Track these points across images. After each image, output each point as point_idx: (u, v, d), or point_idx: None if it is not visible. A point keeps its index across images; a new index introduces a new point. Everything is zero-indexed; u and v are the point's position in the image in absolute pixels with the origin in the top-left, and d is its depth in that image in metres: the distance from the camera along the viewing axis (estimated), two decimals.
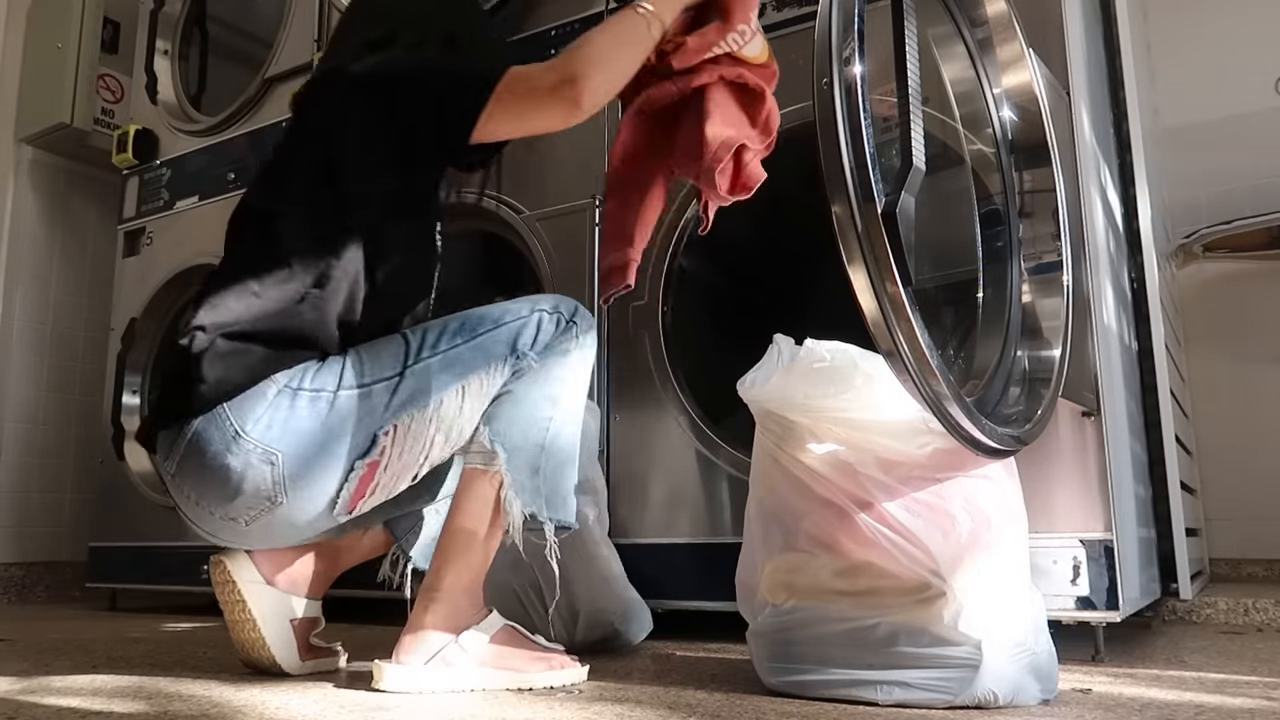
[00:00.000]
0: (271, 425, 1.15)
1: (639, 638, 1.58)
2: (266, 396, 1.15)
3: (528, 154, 2.00)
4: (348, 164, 1.25)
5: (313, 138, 1.30)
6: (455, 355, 1.22)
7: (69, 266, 3.06)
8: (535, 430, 1.23)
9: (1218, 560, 2.53)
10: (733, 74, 1.32)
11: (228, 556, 1.24)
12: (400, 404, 1.19)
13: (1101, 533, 1.37)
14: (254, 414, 1.14)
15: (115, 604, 2.56)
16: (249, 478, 1.14)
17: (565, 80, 1.22)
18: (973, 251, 1.35)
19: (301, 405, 1.16)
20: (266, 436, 1.14)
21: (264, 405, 1.15)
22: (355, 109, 1.27)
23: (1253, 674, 1.28)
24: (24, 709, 1.07)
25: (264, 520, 1.18)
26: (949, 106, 1.40)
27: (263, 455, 1.14)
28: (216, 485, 1.15)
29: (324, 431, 1.16)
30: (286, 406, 1.16)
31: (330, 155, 1.26)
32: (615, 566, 1.59)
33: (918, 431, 1.08)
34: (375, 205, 1.26)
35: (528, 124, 1.26)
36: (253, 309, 1.18)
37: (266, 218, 1.26)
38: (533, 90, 1.23)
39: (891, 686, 1.04)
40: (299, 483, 1.16)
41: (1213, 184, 2.66)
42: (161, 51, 2.80)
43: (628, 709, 1.05)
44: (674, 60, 1.30)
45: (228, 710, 1.05)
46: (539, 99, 1.23)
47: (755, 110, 1.33)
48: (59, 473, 2.96)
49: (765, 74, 1.36)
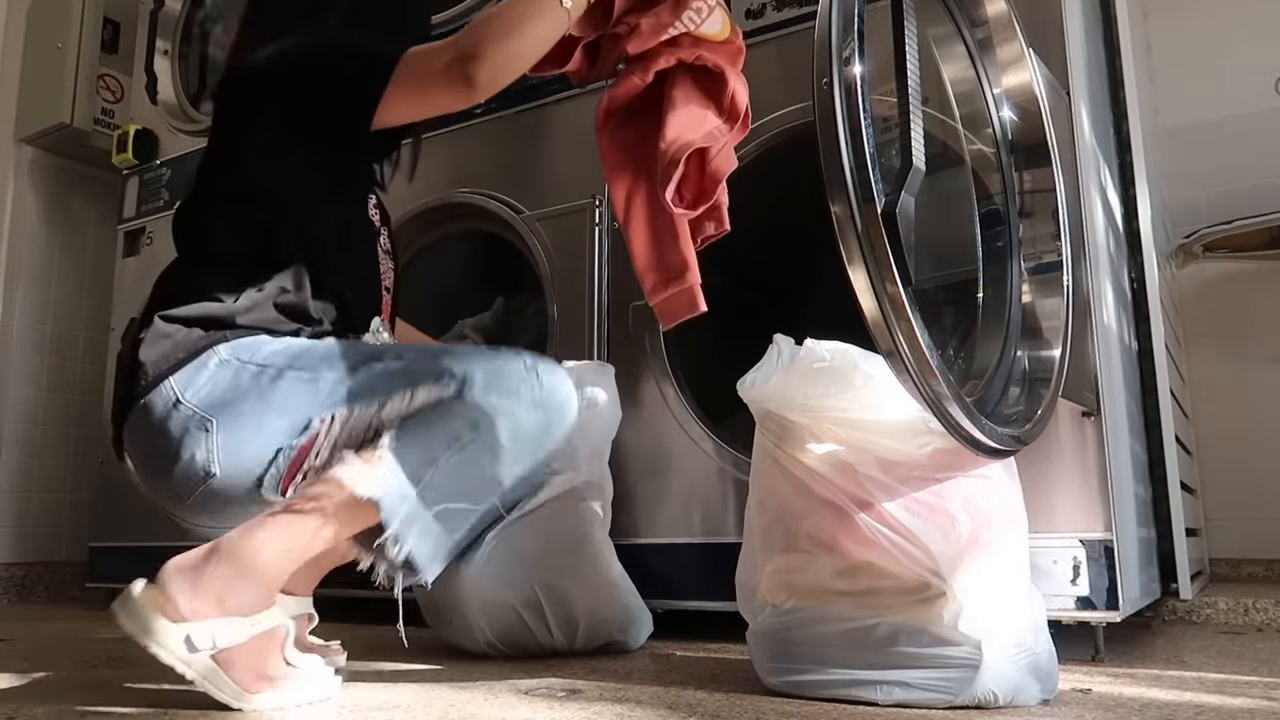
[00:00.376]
0: (212, 393, 1.16)
1: (639, 642, 1.58)
2: (208, 366, 1.17)
3: (528, 154, 2.00)
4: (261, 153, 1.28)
5: (229, 130, 1.33)
6: (409, 362, 1.18)
7: (69, 266, 3.06)
8: (437, 444, 1.13)
9: (1218, 560, 2.53)
10: (691, 56, 1.25)
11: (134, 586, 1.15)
12: (345, 396, 1.16)
13: (1101, 533, 1.37)
14: (195, 383, 1.16)
15: None
16: (185, 444, 1.15)
17: (460, 58, 1.19)
18: (973, 251, 1.35)
19: (244, 377, 1.16)
20: (205, 403, 1.15)
21: (205, 375, 1.17)
22: (263, 99, 1.29)
23: (1253, 674, 1.28)
24: (24, 709, 1.07)
25: (202, 495, 1.17)
26: (949, 106, 1.40)
27: (199, 421, 1.15)
28: (157, 455, 1.17)
29: (260, 404, 1.16)
30: (228, 377, 1.17)
31: (244, 145, 1.29)
32: (617, 570, 1.59)
33: (918, 431, 1.08)
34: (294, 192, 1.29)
35: (426, 106, 1.24)
36: (193, 299, 1.22)
37: (200, 214, 1.32)
38: (429, 70, 1.21)
39: (891, 686, 1.04)
40: (230, 453, 1.15)
41: (1213, 184, 2.66)
42: (161, 51, 2.80)
43: (628, 709, 1.05)
44: (629, 45, 1.24)
45: (228, 710, 1.05)
46: (435, 79, 1.21)
47: (719, 93, 1.27)
48: (59, 473, 2.95)
49: (728, 51, 1.29)
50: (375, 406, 1.15)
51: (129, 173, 2.80)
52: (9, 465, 2.85)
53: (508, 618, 1.47)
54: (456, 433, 1.13)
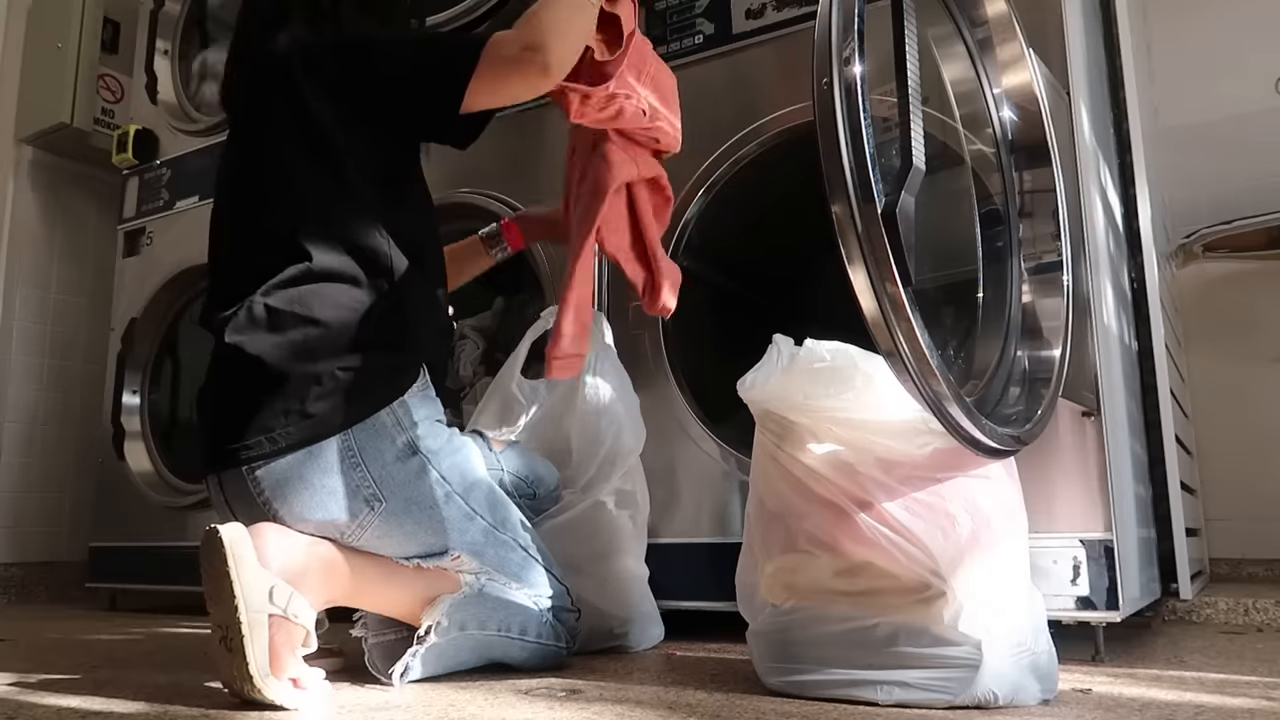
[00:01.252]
0: (393, 477, 1.20)
1: (644, 646, 1.58)
2: (395, 444, 1.20)
3: (528, 154, 2.00)
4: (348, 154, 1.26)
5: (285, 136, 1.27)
6: (525, 563, 1.32)
7: (69, 266, 3.06)
8: (493, 623, 1.27)
9: (1218, 560, 2.53)
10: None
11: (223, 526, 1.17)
12: (476, 550, 1.27)
13: (1101, 533, 1.37)
14: (378, 453, 1.19)
15: (115, 604, 2.56)
16: (347, 505, 1.17)
17: (530, 47, 1.24)
18: (973, 251, 1.35)
19: (429, 480, 1.23)
20: (382, 482, 1.19)
21: (390, 451, 1.20)
22: (324, 95, 1.26)
23: (1253, 674, 1.28)
24: (24, 709, 1.07)
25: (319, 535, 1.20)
26: (949, 106, 1.40)
27: (371, 496, 1.19)
28: (308, 498, 1.16)
29: (427, 516, 1.23)
30: (415, 469, 1.22)
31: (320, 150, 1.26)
32: (633, 576, 1.58)
33: (918, 431, 1.07)
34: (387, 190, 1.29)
35: (501, 93, 1.28)
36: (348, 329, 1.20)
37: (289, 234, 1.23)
38: (503, 59, 1.25)
39: (891, 686, 1.04)
40: (378, 532, 1.20)
41: (1213, 184, 2.66)
42: (161, 51, 2.80)
43: (628, 709, 1.05)
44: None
45: (228, 710, 1.05)
46: (509, 67, 1.25)
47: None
48: (59, 473, 2.96)
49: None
50: (490, 567, 1.28)
51: (129, 173, 2.80)
52: (9, 465, 2.85)
53: None
54: (509, 626, 1.28)
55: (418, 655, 1.20)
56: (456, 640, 1.24)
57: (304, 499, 1.16)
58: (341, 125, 1.26)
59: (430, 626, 1.20)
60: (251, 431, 1.16)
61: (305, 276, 1.21)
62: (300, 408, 1.16)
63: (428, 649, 1.20)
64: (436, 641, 1.21)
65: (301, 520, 1.17)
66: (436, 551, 1.24)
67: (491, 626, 1.27)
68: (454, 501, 1.25)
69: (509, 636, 1.28)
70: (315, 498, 1.17)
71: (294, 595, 1.08)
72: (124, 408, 2.63)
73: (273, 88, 1.30)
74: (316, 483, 1.16)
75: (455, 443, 1.29)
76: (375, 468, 1.19)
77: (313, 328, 1.18)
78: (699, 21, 1.86)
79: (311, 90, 1.26)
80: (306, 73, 1.27)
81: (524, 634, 1.29)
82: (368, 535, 1.20)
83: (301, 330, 1.18)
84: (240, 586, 1.03)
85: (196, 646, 1.69)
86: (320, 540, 1.18)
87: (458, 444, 1.29)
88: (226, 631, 1.03)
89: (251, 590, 1.04)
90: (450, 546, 1.25)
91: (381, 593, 1.23)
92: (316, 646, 1.12)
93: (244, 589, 1.04)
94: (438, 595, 1.23)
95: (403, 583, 1.23)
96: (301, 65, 1.27)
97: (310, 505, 1.17)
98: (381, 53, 1.31)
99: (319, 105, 1.26)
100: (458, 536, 1.25)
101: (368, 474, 1.18)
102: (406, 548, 1.23)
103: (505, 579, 1.29)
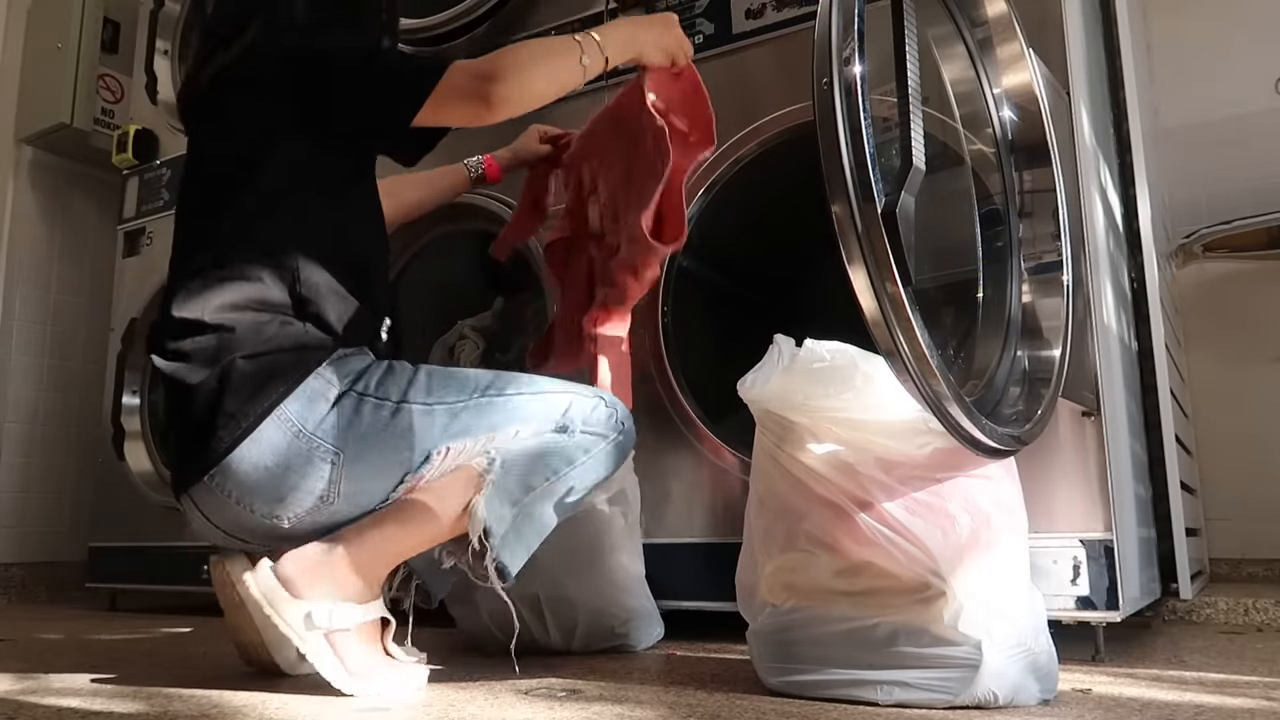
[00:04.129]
0: (337, 425, 1.18)
1: (644, 645, 1.58)
2: (326, 398, 1.19)
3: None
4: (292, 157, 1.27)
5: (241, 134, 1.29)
6: (518, 403, 1.27)
7: (69, 266, 3.06)
8: (537, 476, 1.26)
9: (1218, 560, 2.53)
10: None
11: (227, 558, 1.24)
12: (460, 429, 1.23)
13: (1101, 533, 1.37)
14: (315, 413, 1.18)
15: (115, 604, 2.56)
16: (308, 476, 1.17)
17: (482, 76, 1.25)
18: (973, 251, 1.35)
19: (366, 411, 1.20)
20: (331, 436, 1.18)
21: (324, 406, 1.19)
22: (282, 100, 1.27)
23: (1253, 674, 1.28)
24: (24, 709, 1.07)
25: (308, 520, 1.20)
26: (949, 106, 1.40)
27: (325, 453, 1.18)
28: (271, 484, 1.17)
29: (384, 440, 1.20)
30: (351, 410, 1.20)
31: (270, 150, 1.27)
32: (629, 574, 1.58)
33: (918, 431, 1.07)
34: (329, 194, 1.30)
35: (445, 117, 1.28)
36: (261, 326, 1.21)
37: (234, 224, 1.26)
38: (454, 86, 1.25)
39: (891, 686, 1.04)
40: (353, 485, 1.19)
41: (1213, 184, 2.66)
42: (161, 51, 2.79)
43: (628, 709, 1.05)
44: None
45: (228, 710, 1.05)
46: (456, 94, 1.25)
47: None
48: (59, 473, 2.96)
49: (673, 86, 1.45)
50: (484, 439, 1.24)
51: (129, 173, 2.80)
52: (9, 465, 2.85)
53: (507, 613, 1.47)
54: (555, 467, 1.27)
55: (497, 554, 1.20)
56: (519, 517, 1.24)
57: (270, 484, 1.17)
58: (287, 134, 1.28)
59: (481, 535, 1.20)
60: (197, 444, 1.18)
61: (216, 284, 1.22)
62: (225, 407, 1.17)
63: (502, 540, 1.21)
64: (504, 531, 1.21)
65: (281, 506, 1.18)
66: (422, 460, 1.21)
67: (538, 480, 1.25)
68: (404, 410, 1.21)
69: (563, 474, 1.27)
70: (278, 478, 1.17)
71: (332, 610, 1.15)
72: (124, 408, 2.63)
73: (227, 94, 1.31)
74: (272, 465, 1.16)
75: (384, 369, 1.26)
76: (318, 428, 1.18)
77: (223, 332, 1.20)
78: (699, 21, 1.86)
79: (263, 95, 1.28)
80: (262, 80, 1.28)
81: (571, 462, 1.27)
82: (349, 489, 1.19)
83: (212, 336, 1.20)
84: (285, 626, 1.13)
85: (197, 646, 1.69)
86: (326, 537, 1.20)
87: (386, 368, 1.27)
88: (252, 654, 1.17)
89: (295, 621, 1.13)
90: (430, 448, 1.21)
91: (415, 533, 1.22)
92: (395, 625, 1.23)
93: (288, 625, 1.13)
94: (467, 501, 1.21)
95: (426, 513, 1.21)
96: (257, 72, 1.29)
97: (279, 487, 1.17)
98: (339, 68, 1.29)
99: (269, 110, 1.28)
100: (428, 435, 1.21)
101: (313, 437, 1.17)
102: (393, 475, 1.21)
103: (510, 433, 1.25)
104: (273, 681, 1.23)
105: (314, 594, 1.15)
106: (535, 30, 2.07)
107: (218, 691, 1.16)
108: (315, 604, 1.14)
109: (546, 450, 1.26)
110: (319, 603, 1.15)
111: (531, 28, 2.08)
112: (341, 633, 1.16)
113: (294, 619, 1.14)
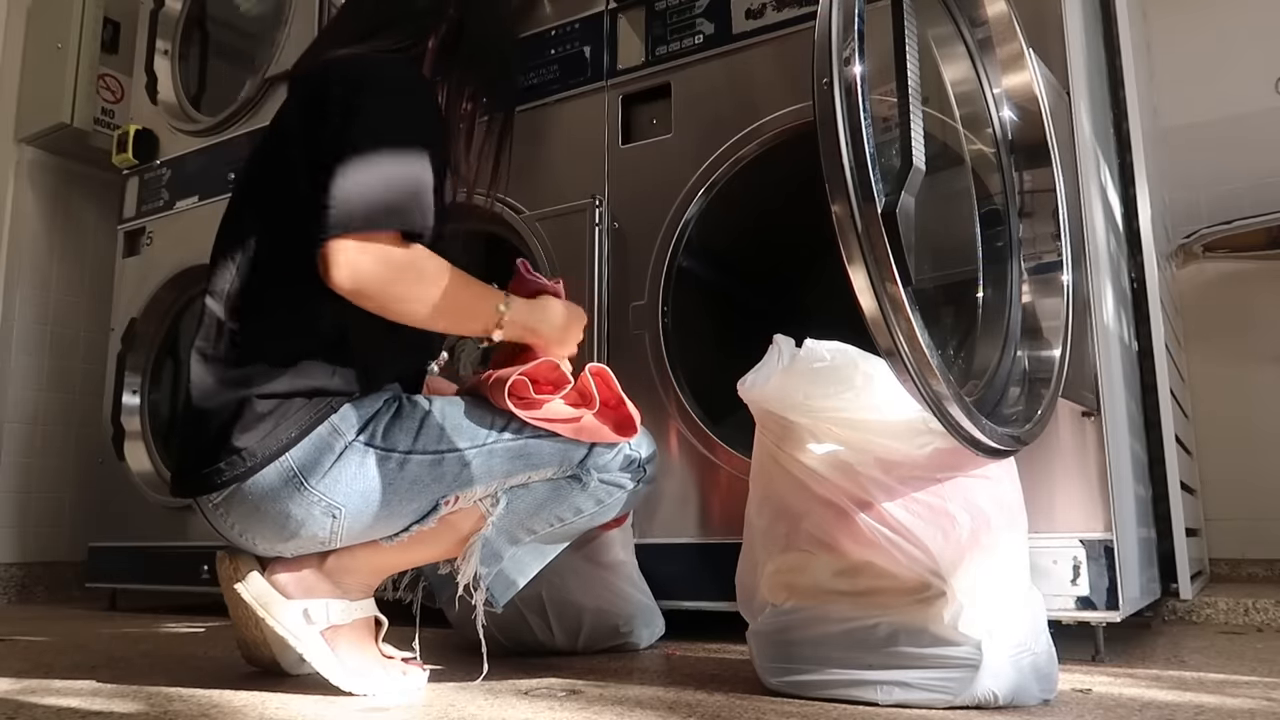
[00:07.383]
0: (339, 480, 1.15)
1: (648, 641, 1.58)
2: (333, 450, 1.15)
3: (528, 154, 2.00)
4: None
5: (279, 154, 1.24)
6: (534, 447, 1.22)
7: (69, 266, 3.06)
8: (542, 522, 1.25)
9: (1218, 560, 2.53)
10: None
11: (233, 554, 1.24)
12: (470, 478, 1.20)
13: (1101, 533, 1.37)
14: (320, 466, 1.15)
15: (115, 604, 2.56)
16: (308, 525, 1.16)
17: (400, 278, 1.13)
18: (973, 251, 1.35)
19: (370, 464, 1.16)
20: (332, 491, 1.15)
21: (330, 459, 1.15)
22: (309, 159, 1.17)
23: (1253, 674, 1.28)
24: (24, 709, 1.07)
25: (311, 551, 1.21)
26: (949, 106, 1.40)
27: (326, 508, 1.16)
28: (272, 527, 1.16)
29: (390, 493, 1.17)
30: (355, 463, 1.16)
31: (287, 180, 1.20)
32: (629, 572, 1.58)
33: (918, 431, 1.07)
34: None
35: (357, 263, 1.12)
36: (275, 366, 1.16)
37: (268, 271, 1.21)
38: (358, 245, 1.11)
39: (891, 686, 1.04)
40: (356, 535, 1.19)
41: (1213, 184, 2.66)
42: (161, 51, 2.80)
43: (628, 709, 1.05)
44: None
45: (228, 710, 1.05)
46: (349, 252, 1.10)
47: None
48: (59, 473, 2.96)
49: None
50: (495, 485, 1.22)
51: (129, 173, 2.80)
52: (9, 465, 2.85)
53: (509, 615, 1.48)
54: (562, 515, 1.26)
55: (490, 591, 1.21)
56: (516, 554, 1.24)
57: (270, 524, 1.16)
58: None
59: (473, 578, 1.20)
60: (200, 463, 1.16)
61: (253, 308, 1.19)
62: (233, 441, 1.14)
63: (495, 577, 1.22)
64: (498, 570, 1.22)
65: (282, 544, 1.18)
66: (430, 509, 1.19)
67: (542, 526, 1.25)
68: (411, 461, 1.18)
69: (569, 522, 1.26)
70: (279, 523, 1.15)
71: (328, 605, 1.18)
72: (124, 408, 2.63)
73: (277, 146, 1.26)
74: (273, 510, 1.15)
75: (394, 411, 1.21)
76: (320, 482, 1.14)
77: (251, 361, 1.16)
78: (699, 21, 1.86)
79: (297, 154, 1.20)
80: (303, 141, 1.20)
81: (580, 512, 1.26)
82: (353, 535, 1.19)
83: (239, 362, 1.17)
84: (281, 628, 1.16)
85: (197, 646, 1.69)
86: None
87: (396, 410, 1.21)
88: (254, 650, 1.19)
89: (291, 622, 1.16)
90: (438, 497, 1.19)
91: (411, 556, 1.24)
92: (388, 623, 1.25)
93: (284, 627, 1.16)
94: (466, 533, 1.21)
95: (424, 539, 1.22)
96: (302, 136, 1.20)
97: (280, 529, 1.16)
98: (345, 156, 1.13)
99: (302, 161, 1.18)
100: (437, 486, 1.18)
101: (315, 491, 1.14)
102: (399, 523, 1.19)
103: (521, 479, 1.23)
104: (273, 681, 1.23)
105: (309, 589, 1.19)
106: (537, 30, 2.06)
107: (218, 691, 1.16)
108: (310, 602, 1.17)
109: (558, 498, 1.25)
110: (314, 601, 1.18)
111: (533, 27, 2.08)
112: (338, 630, 1.18)
113: (289, 619, 1.16)
